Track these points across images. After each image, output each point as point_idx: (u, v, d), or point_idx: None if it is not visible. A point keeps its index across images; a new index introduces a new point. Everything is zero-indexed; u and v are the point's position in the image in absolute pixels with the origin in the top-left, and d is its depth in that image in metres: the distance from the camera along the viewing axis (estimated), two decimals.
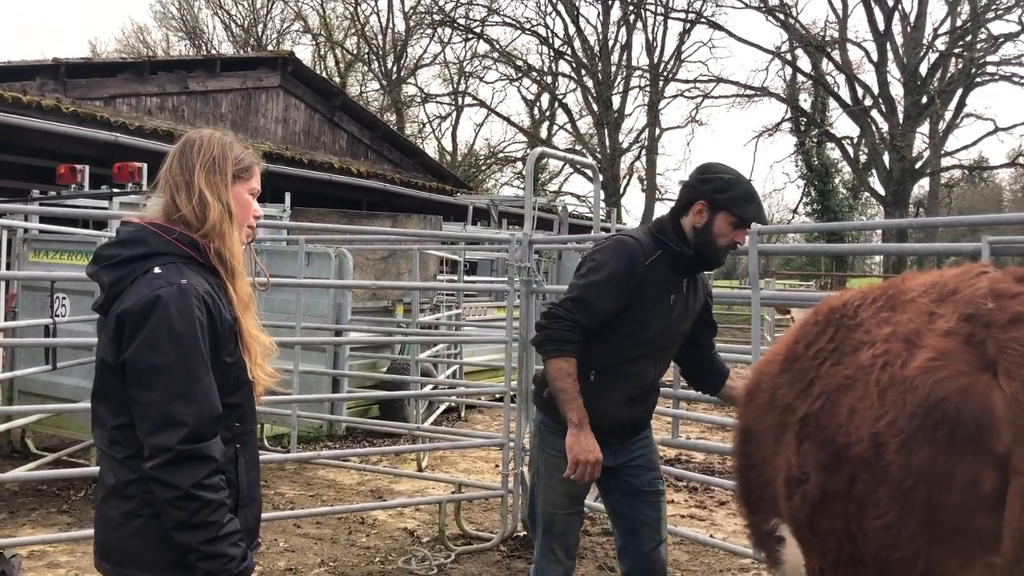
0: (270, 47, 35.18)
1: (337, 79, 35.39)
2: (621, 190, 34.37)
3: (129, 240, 2.18)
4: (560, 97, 36.94)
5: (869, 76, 29.23)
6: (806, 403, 2.17)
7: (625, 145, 35.10)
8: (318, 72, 26.67)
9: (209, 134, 2.29)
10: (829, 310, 2.33)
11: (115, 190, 7.61)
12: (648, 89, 33.68)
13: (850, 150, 31.06)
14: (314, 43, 39.39)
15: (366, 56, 38.42)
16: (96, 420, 2.20)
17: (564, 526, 3.40)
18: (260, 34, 38.73)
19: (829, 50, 28.99)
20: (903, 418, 1.91)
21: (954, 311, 2.00)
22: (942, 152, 28.95)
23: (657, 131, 34.22)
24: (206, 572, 2.07)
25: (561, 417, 3.17)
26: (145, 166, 7.42)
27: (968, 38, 27.46)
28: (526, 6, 56.16)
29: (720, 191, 3.18)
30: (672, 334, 3.34)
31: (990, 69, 27.44)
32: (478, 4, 34.16)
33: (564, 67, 36.07)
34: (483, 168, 38.93)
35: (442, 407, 10.07)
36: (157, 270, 2.11)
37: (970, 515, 1.84)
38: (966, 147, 30.10)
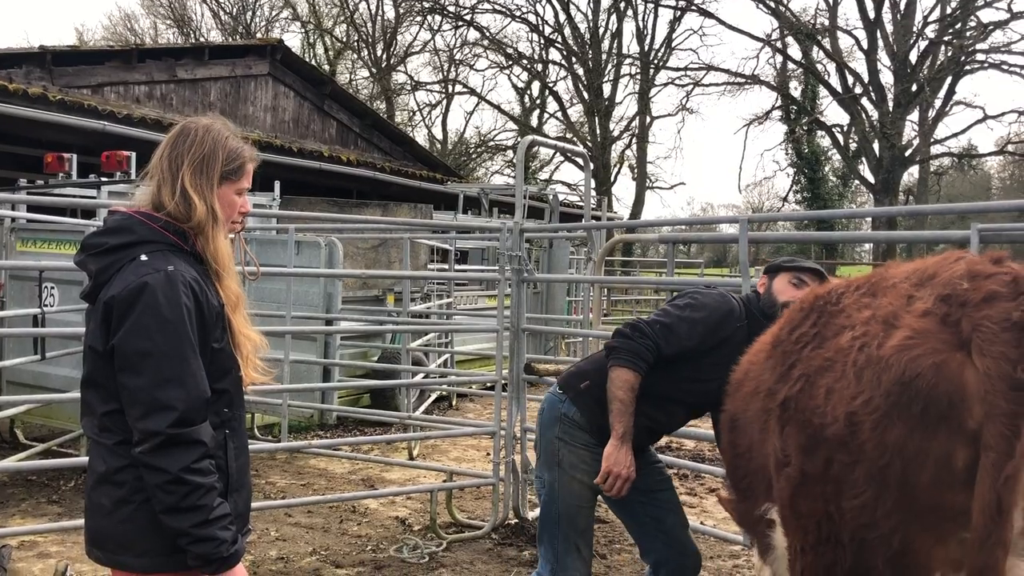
0: (259, 35, 34.97)
1: (326, 67, 35.21)
2: (612, 178, 34.35)
3: (116, 229, 2.19)
4: (551, 85, 36.85)
5: (859, 64, 29.24)
6: (786, 386, 2.20)
7: (616, 133, 35.05)
8: (307, 60, 26.51)
9: (205, 127, 2.27)
10: (814, 297, 2.36)
11: (103, 179, 7.57)
12: (639, 77, 33.60)
13: (840, 138, 31.11)
14: (303, 31, 39.15)
15: (355, 44, 38.21)
16: (85, 408, 2.21)
17: (587, 521, 3.42)
18: (248, 21, 38.46)
19: (819, 38, 28.96)
20: (878, 396, 1.93)
21: (932, 293, 2.03)
22: (932, 140, 29.02)
23: (648, 119, 34.18)
24: (196, 555, 2.08)
25: (591, 414, 3.29)
26: (133, 155, 7.38)
27: (958, 26, 27.47)
28: None
29: (782, 262, 3.49)
30: (720, 397, 3.25)
31: (979, 57, 27.46)
32: None
33: (554, 55, 35.97)
34: (474, 156, 38.83)
35: (433, 396, 10.07)
36: (144, 257, 2.12)
37: (944, 492, 1.86)
38: (955, 135, 30.16)
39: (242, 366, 2.26)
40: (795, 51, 30.28)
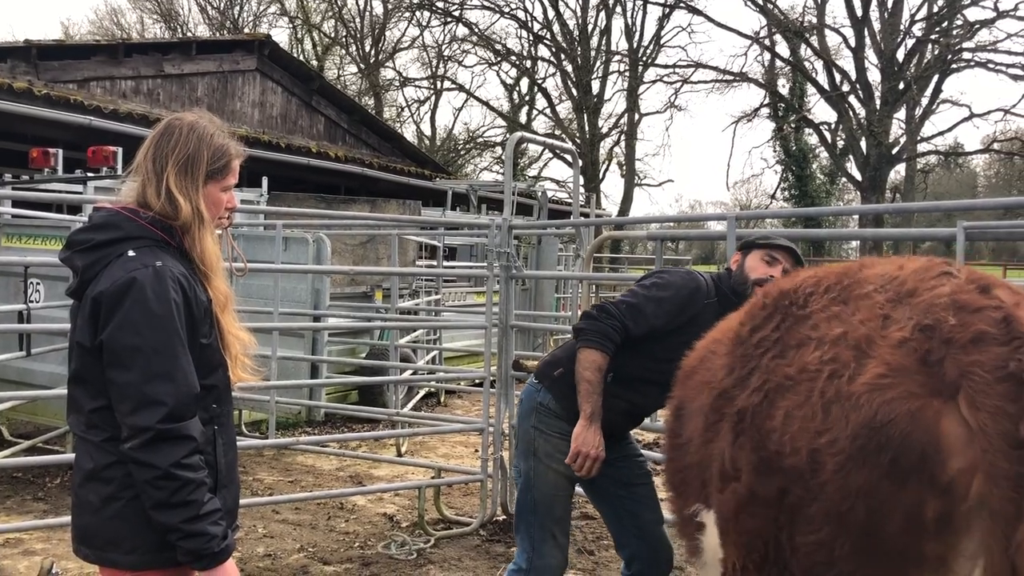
0: (246, 30, 34.79)
1: (315, 62, 35.10)
2: (600, 175, 34.37)
3: (102, 225, 2.18)
4: (539, 82, 36.82)
5: (847, 62, 29.35)
6: (744, 394, 2.05)
7: (604, 130, 35.08)
8: (295, 55, 26.44)
9: (190, 125, 2.26)
10: (779, 294, 2.19)
11: (89, 174, 7.52)
12: (627, 74, 33.63)
13: (827, 136, 31.23)
14: (291, 26, 38.98)
15: (344, 39, 38.11)
16: (72, 405, 2.20)
17: (563, 509, 3.43)
18: (236, 16, 38.27)
19: (807, 35, 29.06)
20: (844, 438, 1.80)
21: (910, 318, 1.85)
22: (918, 138, 29.16)
23: (636, 116, 34.20)
24: (187, 551, 2.07)
25: (567, 400, 3.27)
26: (120, 150, 7.34)
27: (944, 24, 27.61)
28: None
29: (755, 239, 3.50)
30: None
31: (966, 55, 27.61)
32: None
33: (543, 51, 35.94)
34: (462, 153, 38.78)
35: (421, 392, 10.06)
36: (131, 253, 2.12)
37: (913, 540, 1.75)
38: (942, 133, 30.34)
39: (231, 365, 2.26)
40: (783, 49, 30.39)
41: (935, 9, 27.54)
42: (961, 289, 1.88)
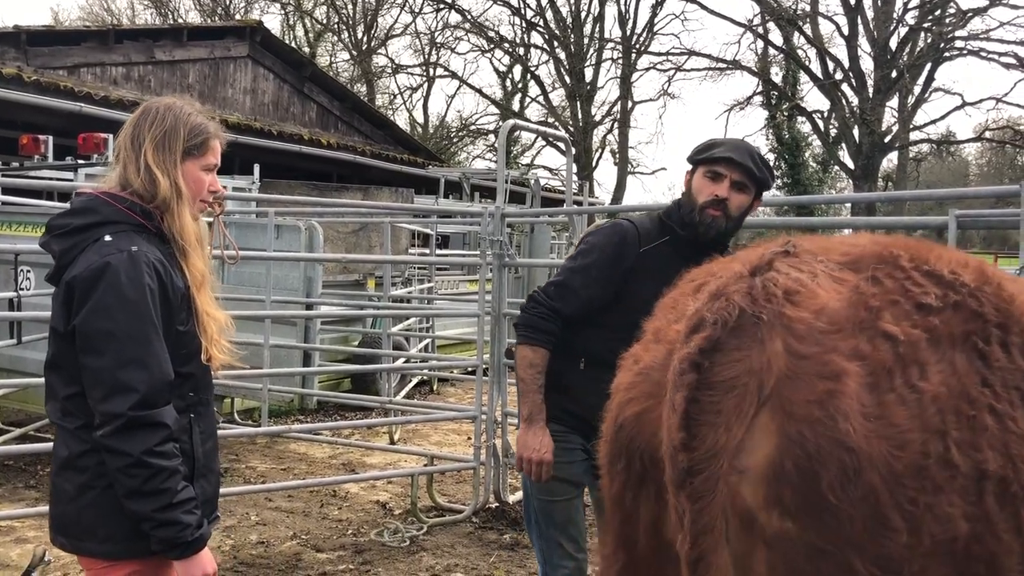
0: (238, 16, 34.58)
1: (306, 49, 34.90)
2: (593, 163, 34.31)
3: (80, 210, 2.17)
4: (532, 69, 36.71)
5: (840, 50, 29.32)
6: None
7: (598, 118, 35.01)
8: (287, 42, 26.31)
9: (167, 105, 2.25)
10: (686, 279, 2.02)
11: (80, 161, 7.49)
12: (620, 62, 33.55)
13: (820, 124, 31.21)
14: (282, 12, 38.70)
15: (336, 26, 37.89)
16: (49, 392, 2.20)
17: (565, 514, 3.11)
18: (227, 3, 37.99)
19: (800, 24, 29.02)
20: (604, 442, 1.77)
21: (693, 308, 1.63)
22: (911, 126, 29.18)
23: (629, 104, 34.14)
24: (160, 540, 2.05)
25: (548, 400, 2.99)
26: (111, 137, 7.30)
27: (937, 12, 27.60)
28: None
29: (696, 152, 2.94)
30: None
31: (958, 44, 27.61)
32: None
33: (536, 38, 35.81)
34: (455, 140, 38.67)
35: (414, 380, 10.07)
36: (108, 238, 2.10)
37: (664, 566, 1.63)
38: (934, 121, 30.33)
39: (207, 346, 2.22)
40: (776, 37, 30.34)
41: None
42: (734, 273, 1.65)
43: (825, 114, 30.98)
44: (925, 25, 27.50)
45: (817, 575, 1.41)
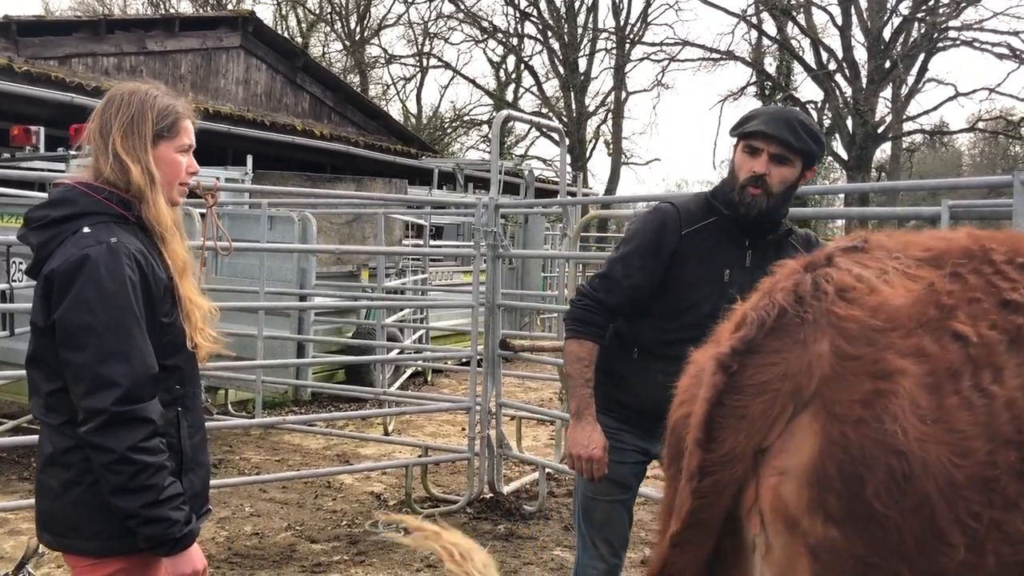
0: (230, 6, 34.41)
1: (299, 39, 34.72)
2: (587, 154, 34.28)
3: (58, 201, 2.12)
4: (526, 59, 36.62)
5: (833, 40, 29.29)
6: None
7: (591, 108, 34.95)
8: (279, 32, 26.17)
9: (131, 90, 2.19)
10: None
11: (72, 152, 7.44)
12: (614, 52, 33.48)
13: (814, 114, 31.20)
14: (275, 2, 38.46)
15: (328, 16, 37.72)
16: (31, 387, 2.14)
17: (604, 515, 2.99)
18: None
19: (794, 14, 28.98)
20: (666, 444, 1.76)
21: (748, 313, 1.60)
22: (904, 117, 29.20)
23: (623, 94, 34.07)
24: (147, 537, 2.01)
25: (602, 388, 2.87)
26: None
27: (931, 2, 27.58)
28: None
29: (735, 125, 2.81)
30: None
31: (952, 34, 27.61)
32: None
33: (530, 29, 35.71)
34: (448, 131, 38.58)
35: (408, 371, 10.07)
36: (86, 230, 2.05)
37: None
38: (927, 112, 30.40)
39: (191, 334, 2.16)
40: (770, 27, 30.31)
41: None
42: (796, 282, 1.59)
43: (819, 104, 30.96)
44: (919, 15, 27.49)
45: None
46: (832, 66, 28.72)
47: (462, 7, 34.64)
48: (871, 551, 1.31)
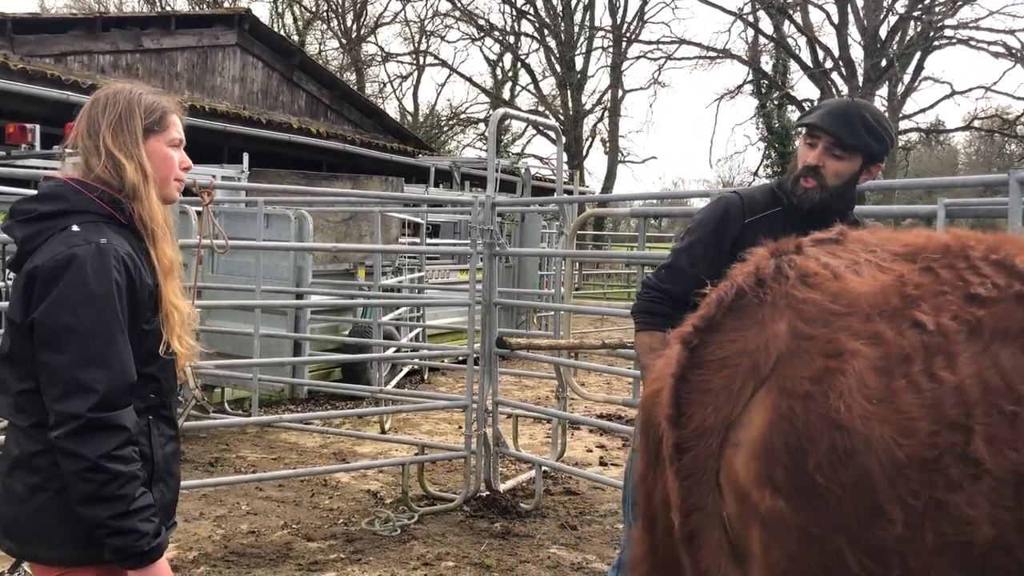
0: (226, 4, 34.36)
1: (295, 37, 34.71)
2: (584, 152, 34.33)
3: (48, 196, 2.06)
4: (523, 57, 36.64)
5: (830, 39, 29.37)
6: None
7: (588, 107, 34.98)
8: (276, 30, 26.15)
9: (115, 89, 2.17)
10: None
11: (68, 150, 7.42)
12: (611, 50, 33.52)
13: None
14: (271, 0, 38.55)
15: (325, 14, 37.69)
16: (1, 386, 2.07)
17: None
18: None
19: (791, 12, 29.02)
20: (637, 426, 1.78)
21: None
22: (900, 115, 29.26)
23: (620, 93, 34.12)
24: (115, 549, 1.93)
25: None
26: None
27: (927, 1, 27.64)
28: None
29: (801, 115, 2.81)
30: None
31: (948, 33, 27.69)
32: None
33: (527, 27, 35.75)
34: (445, 129, 38.58)
35: (405, 370, 10.07)
36: (75, 228, 1.99)
37: (675, 544, 1.63)
38: (923, 110, 30.57)
39: (169, 337, 2.11)
40: (767, 25, 30.36)
41: None
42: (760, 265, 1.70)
43: (815, 103, 31.02)
44: (915, 14, 27.54)
45: (808, 559, 1.38)
46: (828, 64, 28.78)
47: (458, 5, 34.66)
48: (814, 523, 1.36)
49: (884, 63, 27.43)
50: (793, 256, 1.57)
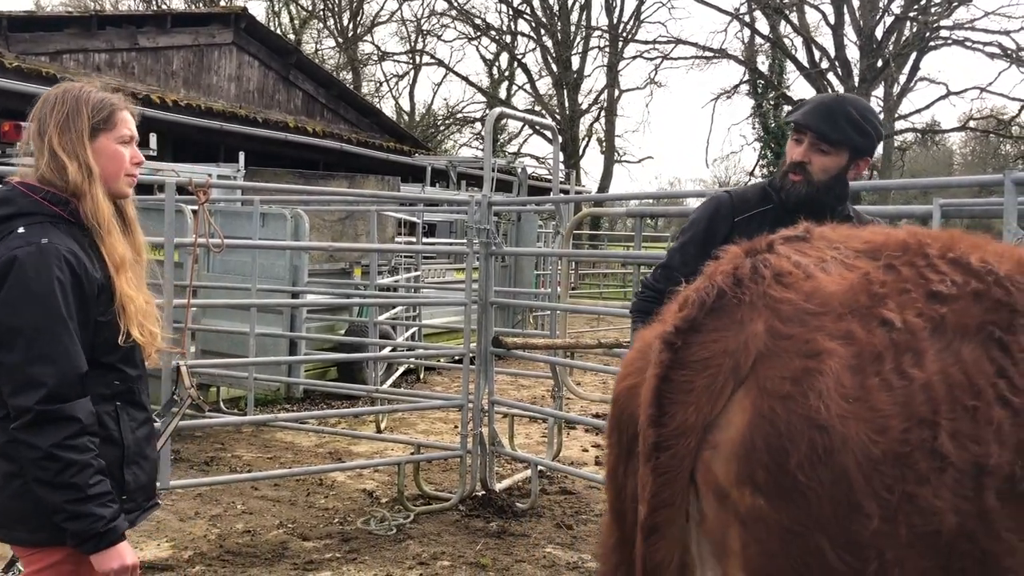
0: (222, 2, 34.32)
1: (292, 36, 34.68)
2: (580, 152, 34.31)
3: (0, 201, 2.14)
4: (519, 57, 36.65)
5: (826, 39, 29.39)
6: None
7: (584, 106, 35.00)
8: (272, 29, 26.11)
9: (64, 88, 2.22)
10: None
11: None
12: (607, 50, 33.52)
13: None
14: None
15: (321, 13, 37.66)
16: None
17: None
18: None
19: (787, 12, 29.05)
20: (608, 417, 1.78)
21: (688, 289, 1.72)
22: (896, 116, 29.32)
23: (616, 92, 34.14)
24: (73, 533, 2.06)
25: None
26: None
27: (923, 2, 27.68)
28: None
29: (788, 111, 2.91)
30: None
31: (943, 33, 27.73)
32: None
33: (523, 26, 35.74)
34: (441, 128, 38.58)
35: (401, 369, 10.07)
36: (21, 230, 2.08)
37: None
38: (919, 111, 30.65)
39: (126, 328, 2.18)
40: (763, 25, 30.37)
41: None
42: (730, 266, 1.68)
43: None
44: (911, 14, 27.58)
45: (788, 556, 1.40)
46: (824, 64, 28.80)
47: (455, 4, 34.65)
48: (795, 521, 1.38)
49: (880, 63, 27.47)
50: (767, 255, 1.59)
